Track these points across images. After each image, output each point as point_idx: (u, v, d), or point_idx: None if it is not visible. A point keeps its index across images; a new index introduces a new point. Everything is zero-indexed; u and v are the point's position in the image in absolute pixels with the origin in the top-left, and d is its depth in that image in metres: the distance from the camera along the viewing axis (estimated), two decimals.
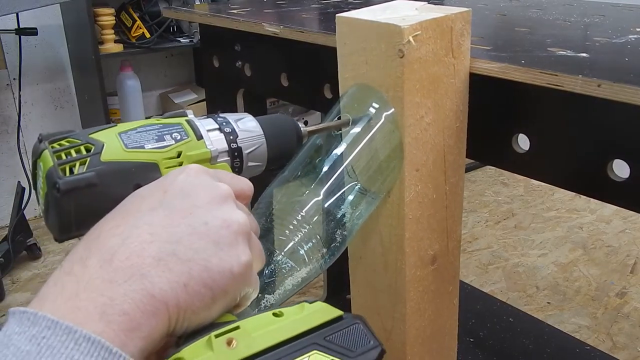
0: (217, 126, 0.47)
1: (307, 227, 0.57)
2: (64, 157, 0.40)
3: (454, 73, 0.63)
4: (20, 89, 2.04)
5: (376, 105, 0.60)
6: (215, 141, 0.46)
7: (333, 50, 0.66)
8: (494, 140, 0.69)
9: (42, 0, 1.56)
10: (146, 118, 2.49)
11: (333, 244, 0.58)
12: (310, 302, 0.38)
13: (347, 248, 0.61)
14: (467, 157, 0.69)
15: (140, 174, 0.41)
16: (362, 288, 0.73)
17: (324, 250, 0.58)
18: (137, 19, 2.25)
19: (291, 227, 0.56)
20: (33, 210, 2.40)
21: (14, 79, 2.19)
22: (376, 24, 0.58)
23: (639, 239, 2.17)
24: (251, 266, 0.38)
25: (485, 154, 0.72)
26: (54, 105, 2.39)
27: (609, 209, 2.37)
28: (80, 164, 0.40)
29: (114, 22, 2.20)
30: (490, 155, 0.72)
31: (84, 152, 0.41)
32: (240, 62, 1.07)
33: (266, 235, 0.56)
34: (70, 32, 2.29)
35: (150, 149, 0.42)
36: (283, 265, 0.55)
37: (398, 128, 0.60)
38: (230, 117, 0.48)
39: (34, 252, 2.11)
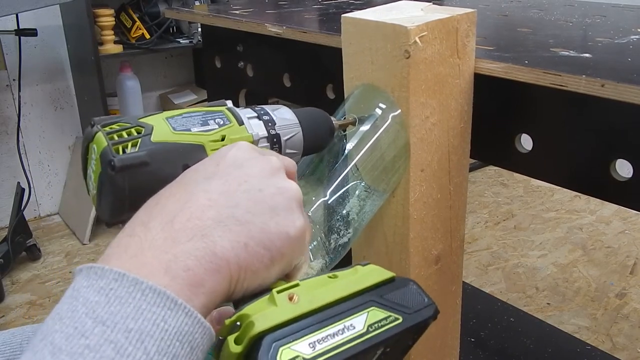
0: (256, 114, 0.49)
1: (313, 226, 0.57)
2: (116, 138, 0.42)
3: (459, 73, 0.63)
4: (19, 90, 2.04)
5: (383, 106, 0.61)
6: (256, 127, 0.48)
7: (336, 51, 0.66)
8: (497, 140, 0.70)
9: (42, 1, 1.56)
10: None
11: (338, 244, 0.59)
12: (363, 265, 0.39)
13: (351, 248, 0.61)
14: (470, 157, 0.70)
15: (188, 155, 0.43)
16: None
17: (329, 249, 0.58)
18: (136, 19, 2.25)
19: None
20: (33, 211, 2.40)
21: (14, 79, 2.19)
22: (382, 24, 0.58)
23: (638, 239, 2.18)
24: (305, 232, 0.39)
25: (488, 154, 0.73)
26: (53, 106, 2.39)
27: (609, 209, 2.37)
28: (132, 145, 0.42)
29: (114, 22, 2.20)
30: (493, 155, 0.72)
31: (135, 134, 0.42)
32: (242, 63, 1.07)
33: None
34: (70, 32, 2.29)
35: (197, 131, 0.44)
36: None
37: (404, 128, 0.60)
38: (268, 107, 0.51)
39: (34, 253, 2.11)
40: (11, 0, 1.48)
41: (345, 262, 0.62)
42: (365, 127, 0.61)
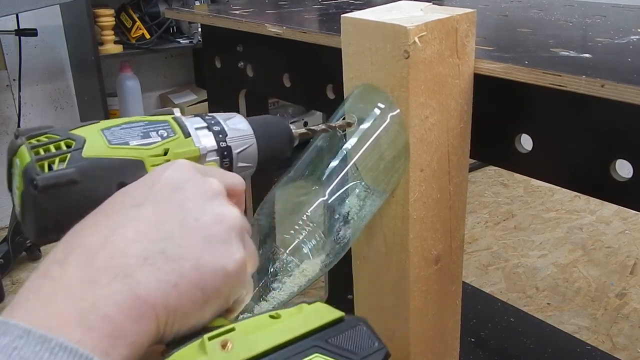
0: (206, 125, 0.45)
1: (312, 226, 0.57)
2: (42, 153, 0.38)
3: (458, 74, 0.63)
4: (20, 90, 2.04)
5: (382, 106, 0.61)
6: (204, 139, 0.44)
7: (336, 51, 0.66)
8: (497, 140, 0.70)
9: (42, 1, 1.56)
10: None
11: (337, 244, 0.59)
12: (310, 303, 0.36)
13: (350, 248, 0.61)
14: (470, 157, 0.70)
15: (125, 172, 0.39)
16: (366, 288, 0.73)
17: (328, 249, 0.58)
18: (136, 19, 2.25)
19: (296, 226, 0.56)
20: None
21: (14, 79, 2.19)
22: (382, 24, 0.58)
23: (638, 239, 2.18)
24: (245, 265, 0.35)
25: (488, 154, 0.72)
26: (53, 106, 2.39)
27: (609, 209, 2.37)
28: (60, 160, 0.37)
29: (114, 23, 2.20)
30: (493, 155, 0.72)
31: (64, 148, 0.38)
32: (242, 63, 1.07)
33: (272, 234, 0.56)
34: (70, 33, 2.29)
35: (136, 145, 0.40)
36: (288, 264, 0.56)
37: (404, 128, 0.60)
38: (219, 116, 0.47)
39: (34, 253, 2.11)
40: (11, 0, 1.48)
41: (346, 260, 0.62)
42: (364, 127, 0.61)
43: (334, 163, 0.60)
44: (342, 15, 0.63)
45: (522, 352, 1.21)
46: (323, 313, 0.35)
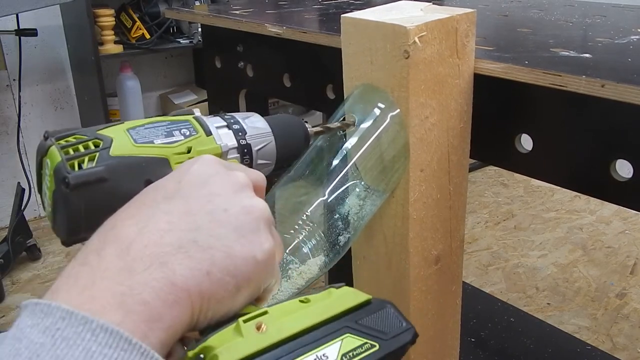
0: (225, 123, 0.46)
1: (312, 226, 0.57)
2: (71, 152, 0.39)
3: (458, 74, 0.63)
4: (20, 90, 2.04)
5: (382, 106, 0.61)
6: (225, 137, 0.45)
7: (336, 51, 0.66)
8: (497, 140, 0.70)
9: (42, 1, 1.56)
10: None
11: (337, 243, 0.59)
12: (337, 287, 0.37)
13: (350, 247, 0.61)
14: (470, 157, 0.70)
15: (151, 169, 0.40)
16: (366, 287, 0.73)
17: (328, 249, 0.58)
18: (137, 19, 2.25)
19: (296, 226, 0.56)
20: (33, 211, 2.40)
21: (14, 79, 2.19)
22: (382, 24, 0.58)
23: (638, 239, 2.18)
24: (274, 254, 0.36)
25: (488, 154, 0.72)
26: (53, 106, 2.39)
27: (609, 209, 2.37)
28: (89, 159, 0.39)
29: (114, 23, 2.20)
30: (493, 155, 0.72)
31: (93, 148, 0.39)
32: (242, 63, 1.07)
33: None
34: (70, 33, 2.29)
35: (160, 144, 0.41)
36: (288, 264, 0.55)
37: (404, 128, 0.60)
38: (238, 115, 0.48)
39: (34, 253, 2.11)
40: (11, 0, 1.48)
41: (346, 260, 0.62)
42: (364, 127, 0.61)
43: (334, 163, 0.60)
44: (342, 15, 0.63)
45: (522, 352, 1.21)
46: (351, 296, 0.37)
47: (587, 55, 0.67)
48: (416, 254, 0.65)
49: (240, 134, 0.46)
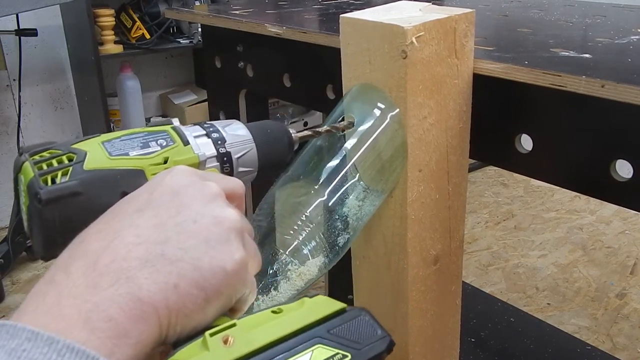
0: (204, 132, 0.46)
1: (311, 226, 0.56)
2: (45, 167, 0.39)
3: (457, 74, 0.63)
4: (20, 90, 2.04)
5: (381, 106, 0.61)
6: (203, 146, 0.45)
7: (336, 51, 0.66)
8: (497, 140, 0.70)
9: (42, 1, 1.56)
10: (146, 119, 2.48)
11: (337, 244, 0.59)
12: (311, 297, 0.36)
13: (350, 248, 0.61)
14: (469, 157, 0.70)
15: (126, 182, 0.40)
16: (365, 287, 0.73)
17: (328, 249, 0.58)
18: (137, 19, 2.25)
19: (295, 227, 0.56)
20: None
21: (14, 79, 2.19)
22: (380, 24, 0.58)
23: (638, 240, 2.18)
24: (246, 265, 0.36)
25: (488, 155, 0.72)
26: (53, 106, 2.39)
27: (609, 210, 2.37)
28: (62, 174, 0.39)
29: (114, 23, 2.20)
30: (493, 155, 0.72)
31: (66, 162, 0.39)
32: (242, 63, 1.07)
33: (271, 235, 0.56)
34: (70, 33, 2.29)
35: (135, 155, 0.41)
36: (287, 265, 0.55)
37: (402, 127, 0.60)
38: (218, 123, 0.48)
39: (34, 253, 2.11)
40: (11, 0, 1.48)
41: (346, 260, 0.62)
42: (363, 127, 0.61)
43: (332, 163, 0.60)
44: (341, 15, 0.63)
45: (522, 352, 1.21)
46: (325, 305, 0.36)
47: (587, 55, 0.67)
48: (415, 253, 0.65)
49: (219, 142, 0.46)
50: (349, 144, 0.61)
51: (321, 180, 0.59)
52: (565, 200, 2.48)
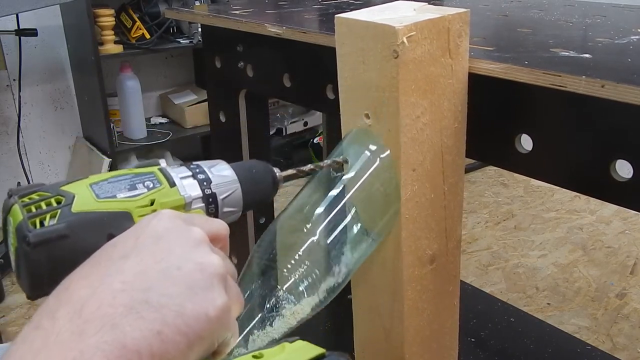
0: (190, 173, 0.47)
1: (306, 265, 0.57)
2: (33, 210, 0.40)
3: (451, 74, 0.63)
4: (20, 90, 2.04)
5: (372, 148, 0.61)
6: (189, 187, 0.46)
7: (335, 51, 0.66)
8: (497, 140, 0.70)
9: (42, 1, 1.55)
10: (146, 119, 2.48)
11: (330, 284, 0.59)
12: (291, 342, 0.37)
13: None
14: (469, 157, 0.70)
15: (113, 224, 0.41)
16: (362, 286, 0.73)
17: (322, 289, 0.58)
18: (137, 19, 2.25)
19: (291, 264, 0.57)
20: None
21: (14, 79, 2.19)
22: (372, 24, 0.58)
23: (638, 239, 2.18)
24: (228, 310, 0.37)
25: (488, 154, 0.72)
26: (53, 106, 2.39)
27: (609, 209, 2.37)
28: (50, 216, 0.39)
29: (114, 23, 2.20)
30: (493, 155, 0.72)
31: (55, 204, 0.40)
32: (242, 63, 1.07)
33: (269, 270, 0.56)
34: (70, 33, 2.29)
35: (123, 198, 0.42)
36: (283, 301, 0.56)
37: (395, 170, 0.61)
38: (204, 164, 0.49)
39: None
40: (11, 0, 1.48)
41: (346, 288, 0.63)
42: (356, 169, 0.61)
43: (328, 204, 0.61)
44: (336, 15, 0.63)
45: (523, 352, 1.21)
46: (304, 350, 0.36)
47: (587, 55, 0.67)
48: (410, 253, 0.65)
49: (205, 183, 0.47)
50: (344, 185, 0.61)
51: (318, 220, 0.60)
52: (565, 200, 2.48)
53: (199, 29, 2.26)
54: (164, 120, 2.58)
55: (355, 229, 0.62)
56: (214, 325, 0.35)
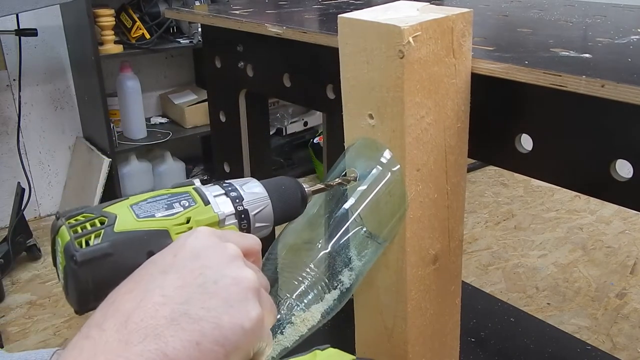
0: (223, 191, 0.49)
1: (316, 273, 0.58)
2: (79, 230, 0.43)
3: (455, 73, 0.63)
4: (20, 90, 2.04)
5: (383, 161, 0.62)
6: (222, 205, 0.48)
7: (336, 51, 0.66)
8: (497, 140, 0.70)
9: (42, 1, 1.55)
10: (146, 119, 2.48)
11: (341, 291, 0.60)
12: (322, 349, 0.39)
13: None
14: (469, 157, 0.70)
15: (152, 241, 0.43)
16: (365, 286, 0.73)
17: (333, 293, 0.59)
18: (137, 19, 2.25)
19: (299, 272, 0.58)
20: (33, 211, 2.41)
21: (14, 79, 2.19)
22: (377, 24, 0.58)
23: (638, 239, 2.18)
24: (262, 321, 0.39)
25: (488, 154, 0.72)
26: (53, 106, 2.39)
27: (609, 209, 2.37)
28: (95, 236, 0.42)
29: (114, 23, 2.20)
30: (493, 155, 0.72)
31: (99, 225, 0.43)
32: (242, 63, 1.07)
33: (278, 281, 0.58)
34: (70, 33, 2.29)
35: (161, 217, 0.45)
36: (292, 309, 0.57)
37: (403, 182, 0.61)
38: (236, 182, 0.51)
39: (34, 253, 2.11)
40: (11, 0, 1.48)
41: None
42: (366, 180, 0.62)
43: (336, 214, 0.62)
44: (339, 15, 0.63)
45: (523, 351, 1.21)
46: (335, 357, 0.38)
47: (587, 55, 0.67)
48: (413, 253, 0.65)
49: (237, 200, 0.49)
50: (353, 196, 0.62)
51: (325, 233, 0.61)
52: (565, 200, 2.48)
53: (199, 29, 2.26)
54: (164, 120, 2.58)
55: (362, 235, 0.63)
56: (249, 336, 0.37)
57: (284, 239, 0.61)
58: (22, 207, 2.03)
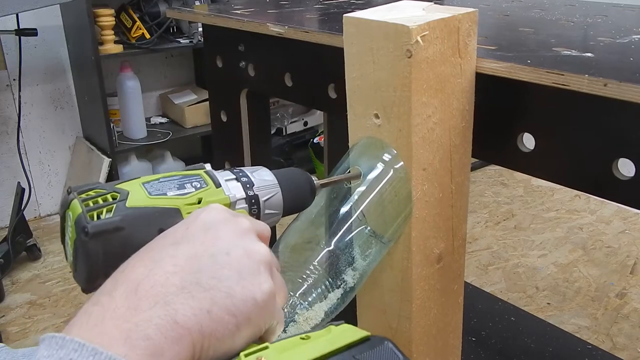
0: (234, 176, 0.50)
1: (319, 273, 0.58)
2: (91, 204, 0.42)
3: (460, 73, 0.63)
4: (20, 90, 2.04)
5: (386, 159, 0.62)
6: (233, 189, 0.48)
7: (337, 51, 0.66)
8: (499, 139, 0.70)
9: (42, 1, 1.55)
10: (146, 119, 2.48)
11: (344, 290, 0.60)
12: (337, 325, 0.39)
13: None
14: (472, 156, 0.70)
15: (164, 219, 0.43)
16: (369, 286, 0.73)
17: (337, 292, 0.59)
18: (137, 19, 2.25)
19: (308, 271, 0.58)
20: (33, 211, 2.40)
21: (14, 79, 2.19)
22: (384, 24, 0.59)
23: (638, 239, 2.18)
24: (274, 296, 0.38)
25: (491, 153, 0.73)
26: (53, 106, 2.39)
27: (609, 209, 2.37)
28: (107, 211, 0.42)
29: (114, 22, 2.20)
30: (495, 154, 0.72)
31: (111, 200, 0.43)
32: (243, 62, 1.07)
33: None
34: (70, 32, 2.29)
35: (173, 195, 0.45)
36: (296, 308, 0.57)
37: (408, 180, 0.61)
38: (247, 169, 0.51)
39: (34, 253, 2.11)
40: (11, 0, 1.48)
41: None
42: (370, 178, 0.62)
43: (339, 212, 0.62)
44: (344, 15, 0.63)
45: (523, 351, 1.22)
46: (350, 333, 0.38)
47: (589, 54, 0.67)
48: (418, 252, 0.66)
49: (248, 185, 0.50)
50: (357, 193, 0.62)
51: (329, 230, 0.61)
52: (565, 200, 2.48)
53: (199, 29, 2.26)
54: (164, 120, 2.58)
55: (366, 234, 0.63)
56: (261, 309, 0.37)
57: (285, 238, 0.61)
58: (22, 207, 2.03)
